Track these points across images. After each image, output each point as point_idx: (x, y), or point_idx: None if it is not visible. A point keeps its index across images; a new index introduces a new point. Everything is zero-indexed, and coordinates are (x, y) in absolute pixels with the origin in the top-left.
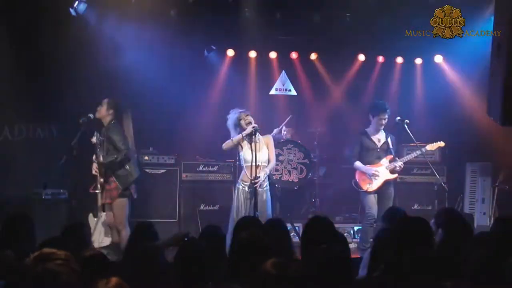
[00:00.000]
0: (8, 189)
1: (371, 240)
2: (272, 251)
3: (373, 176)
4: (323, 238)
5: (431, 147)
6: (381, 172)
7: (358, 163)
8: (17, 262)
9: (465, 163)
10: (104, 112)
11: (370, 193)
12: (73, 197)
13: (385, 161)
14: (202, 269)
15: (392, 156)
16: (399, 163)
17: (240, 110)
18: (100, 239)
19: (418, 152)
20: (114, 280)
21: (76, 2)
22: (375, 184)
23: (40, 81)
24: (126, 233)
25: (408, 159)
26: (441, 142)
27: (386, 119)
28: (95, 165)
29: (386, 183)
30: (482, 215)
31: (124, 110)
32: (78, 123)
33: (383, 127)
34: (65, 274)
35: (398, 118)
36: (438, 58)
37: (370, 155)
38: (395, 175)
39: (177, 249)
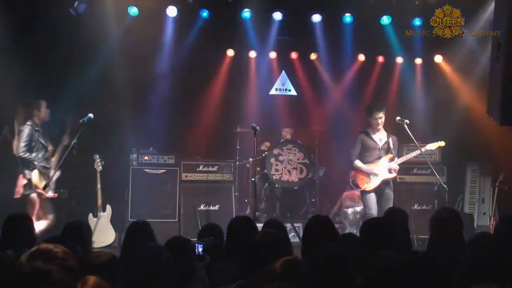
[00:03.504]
0: (8, 189)
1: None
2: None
3: (372, 175)
4: (323, 237)
5: (431, 146)
6: (380, 171)
7: (358, 162)
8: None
9: (465, 163)
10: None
11: (369, 192)
12: (73, 197)
13: (384, 160)
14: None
15: (392, 156)
16: (394, 165)
17: None
18: (101, 239)
19: (418, 152)
20: (92, 279)
21: (76, 2)
22: (373, 183)
23: (40, 81)
24: None
25: (406, 159)
26: (442, 141)
27: (382, 118)
28: None
29: (385, 182)
30: (482, 215)
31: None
32: (78, 123)
33: (381, 125)
34: (57, 272)
35: (398, 118)
36: (438, 58)
37: (371, 154)
38: (394, 175)
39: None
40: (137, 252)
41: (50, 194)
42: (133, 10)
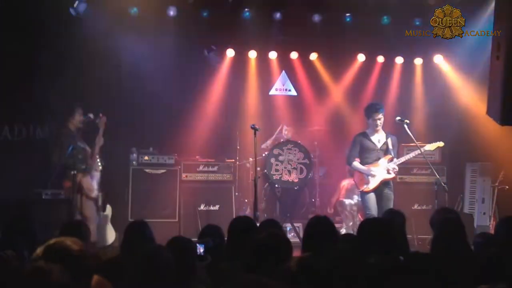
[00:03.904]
0: (8, 189)
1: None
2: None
3: (370, 176)
4: (323, 237)
5: (430, 147)
6: (378, 172)
7: (356, 164)
8: (18, 262)
9: (465, 163)
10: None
11: (368, 193)
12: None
13: (383, 161)
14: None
15: (391, 156)
16: (393, 166)
17: None
18: (101, 239)
19: (416, 152)
20: (94, 278)
21: (76, 2)
22: (372, 184)
23: (40, 81)
24: None
25: (404, 160)
26: (441, 142)
27: (381, 119)
28: None
29: (384, 183)
30: (482, 215)
31: None
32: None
33: (380, 127)
34: (57, 273)
35: (398, 118)
36: (438, 58)
37: (370, 155)
38: (392, 175)
39: None
40: (139, 252)
41: (95, 194)
42: (133, 10)
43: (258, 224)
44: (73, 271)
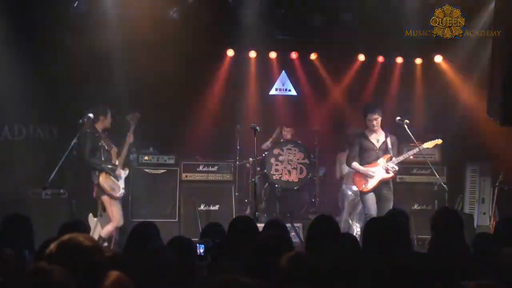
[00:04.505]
0: (8, 189)
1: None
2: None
3: (369, 176)
4: (326, 238)
5: (428, 144)
6: (377, 172)
7: (355, 164)
8: (17, 261)
9: (465, 163)
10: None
11: (367, 193)
12: (73, 197)
13: (382, 161)
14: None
15: (390, 156)
16: (391, 165)
17: None
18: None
19: (415, 151)
20: (113, 274)
21: (76, 2)
22: (371, 183)
23: (40, 81)
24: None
25: (403, 158)
26: (439, 139)
27: (378, 119)
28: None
29: (383, 183)
30: (482, 215)
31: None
32: (78, 123)
33: (377, 127)
34: (58, 273)
35: (398, 118)
36: (438, 58)
37: (369, 155)
38: (391, 175)
39: None
40: (140, 251)
41: (120, 193)
42: (134, 10)
43: (258, 224)
44: (87, 267)
